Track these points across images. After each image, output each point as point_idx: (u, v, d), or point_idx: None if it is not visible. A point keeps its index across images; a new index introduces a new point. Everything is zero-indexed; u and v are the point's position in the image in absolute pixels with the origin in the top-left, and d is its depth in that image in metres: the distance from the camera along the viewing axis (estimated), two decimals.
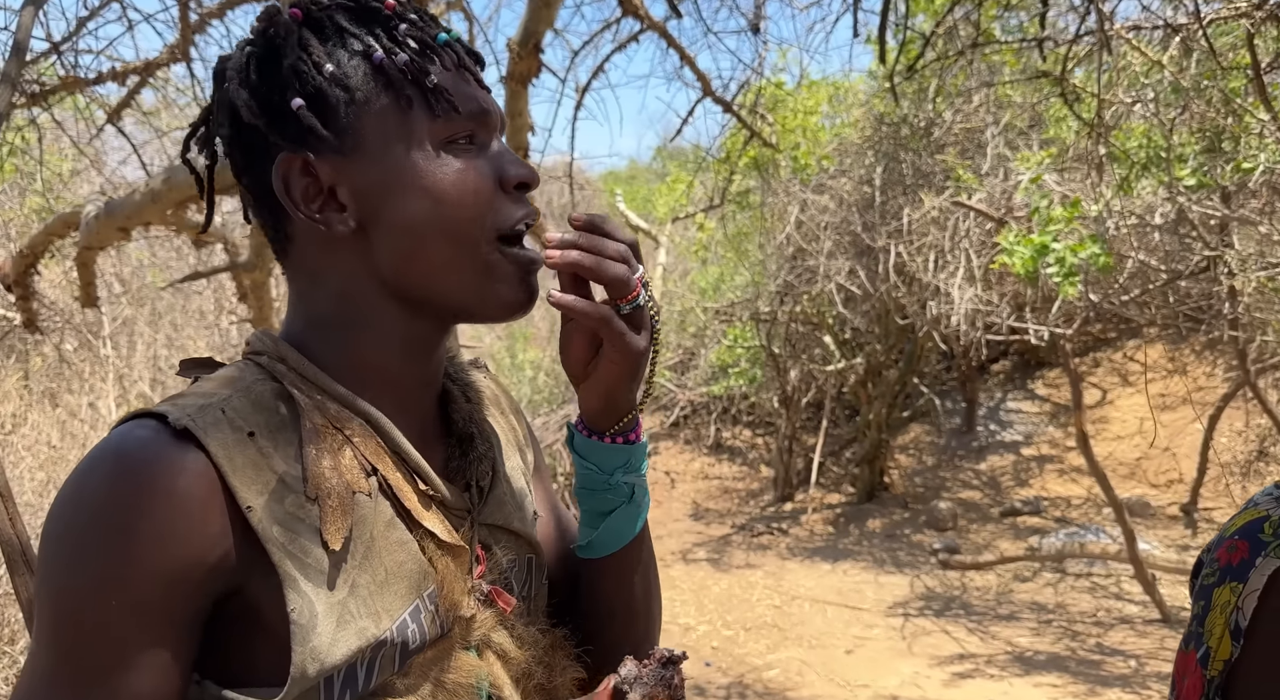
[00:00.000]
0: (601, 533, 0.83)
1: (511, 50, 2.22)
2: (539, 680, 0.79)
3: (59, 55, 2.39)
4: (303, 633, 0.65)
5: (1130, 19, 3.40)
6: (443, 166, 0.72)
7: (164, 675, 0.64)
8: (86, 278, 2.62)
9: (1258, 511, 0.88)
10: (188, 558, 0.63)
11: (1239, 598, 0.85)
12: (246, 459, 0.66)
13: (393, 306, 0.75)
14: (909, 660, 5.02)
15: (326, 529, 0.67)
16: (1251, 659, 0.85)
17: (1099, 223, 4.45)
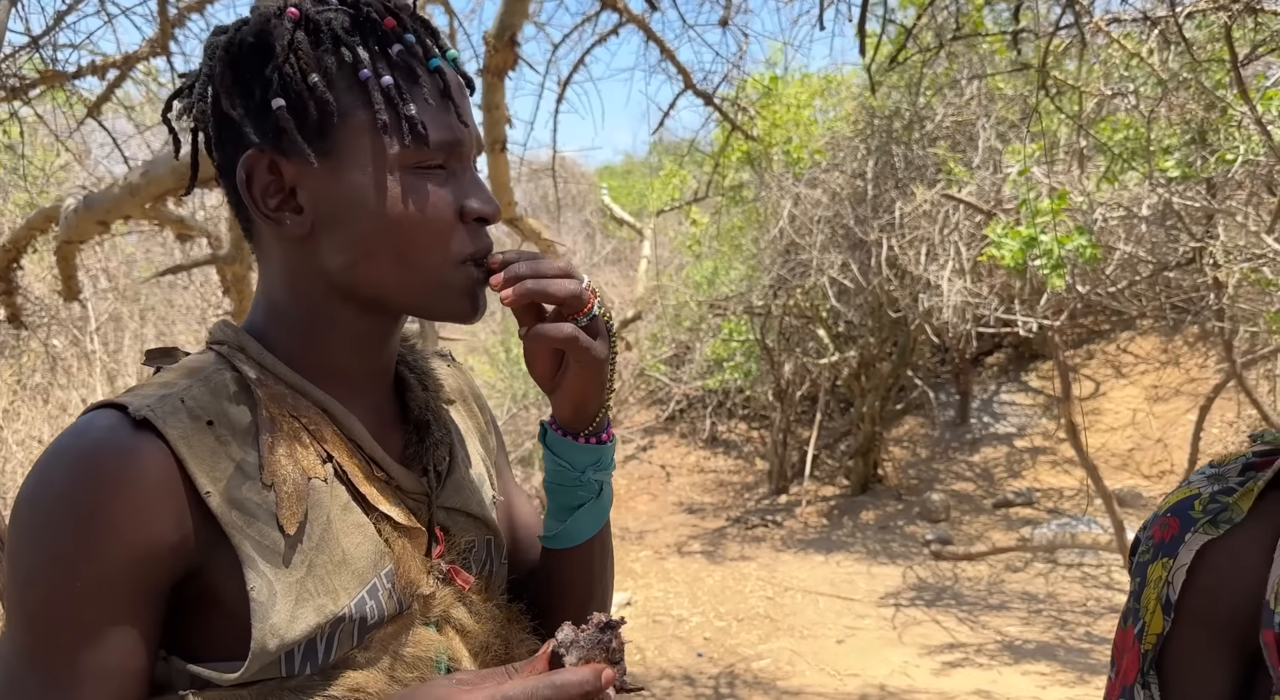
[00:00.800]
0: (569, 526, 0.87)
1: (488, 43, 2.23)
2: (496, 652, 0.83)
3: (38, 49, 2.40)
4: (262, 610, 0.68)
5: (1110, 12, 3.41)
6: (404, 191, 0.73)
7: (130, 651, 0.67)
8: (67, 271, 2.63)
9: (1190, 490, 0.91)
10: (148, 540, 0.66)
11: (1169, 573, 0.87)
12: (205, 446, 0.69)
13: (342, 303, 0.78)
14: (899, 650, 5.05)
15: (282, 513, 0.70)
16: (1181, 632, 0.87)
17: (1086, 214, 4.46)
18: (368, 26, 0.73)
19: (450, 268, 0.77)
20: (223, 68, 0.73)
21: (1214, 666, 0.87)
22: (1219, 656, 0.87)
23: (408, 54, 0.73)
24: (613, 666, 0.66)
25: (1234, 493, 0.88)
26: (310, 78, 0.71)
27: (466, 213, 0.77)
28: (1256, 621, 0.84)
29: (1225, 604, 0.86)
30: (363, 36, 0.73)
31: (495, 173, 2.74)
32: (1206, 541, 0.86)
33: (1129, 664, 0.92)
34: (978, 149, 6.36)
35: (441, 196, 0.75)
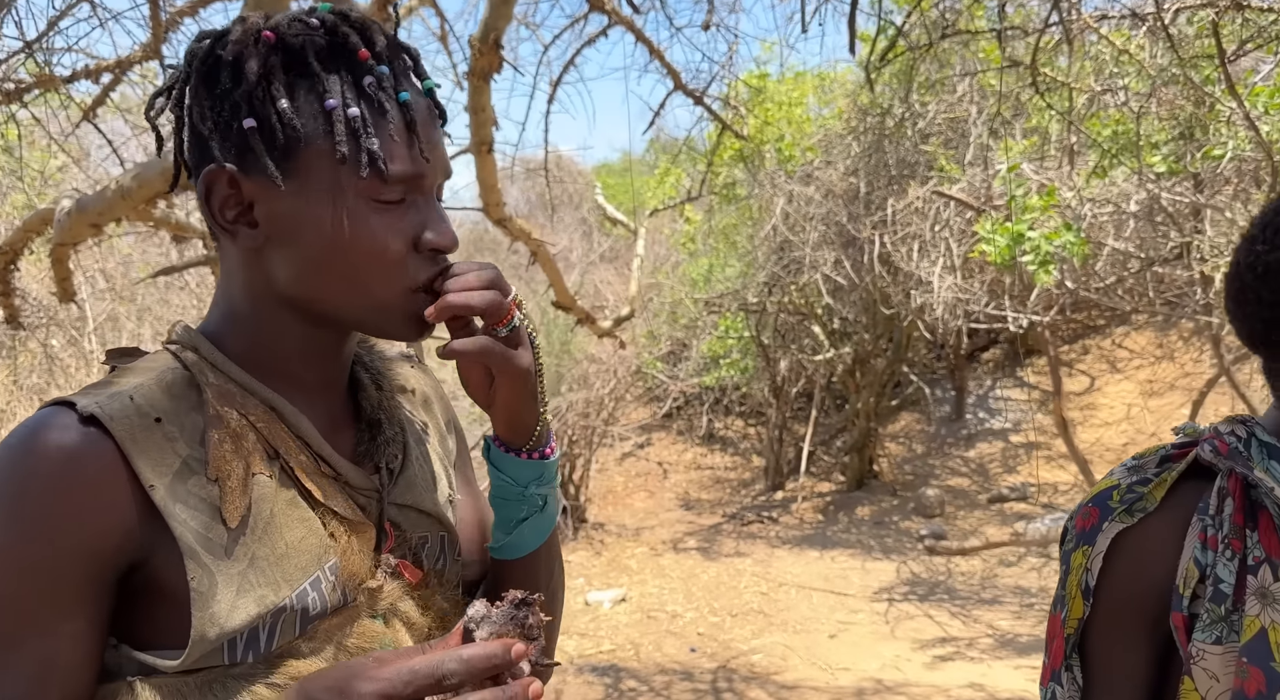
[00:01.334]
0: (514, 538, 0.89)
1: (473, 46, 2.27)
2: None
3: (32, 54, 2.44)
4: (202, 600, 0.71)
5: (1098, 9, 3.44)
6: (359, 221, 0.75)
7: (78, 640, 0.70)
8: (62, 273, 2.67)
9: (1111, 481, 0.95)
10: (93, 532, 0.69)
11: (1089, 560, 0.91)
12: (151, 442, 0.72)
13: (292, 314, 0.81)
14: (891, 644, 5.09)
15: (225, 507, 0.73)
16: (1098, 616, 0.91)
17: (1075, 210, 4.49)
18: (342, 55, 0.74)
19: (398, 295, 0.79)
20: (198, 80, 0.76)
21: (1130, 649, 0.91)
22: (1134, 639, 0.91)
23: (378, 86, 0.74)
24: (529, 642, 0.67)
25: (1150, 483, 0.92)
26: (279, 103, 0.72)
27: (422, 244, 0.78)
28: (1168, 606, 0.88)
29: (1138, 589, 0.90)
30: (336, 64, 0.74)
31: (482, 173, 2.78)
32: (1121, 530, 0.90)
33: (1057, 648, 0.96)
34: (970, 146, 6.39)
35: (396, 227, 0.76)
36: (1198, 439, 0.94)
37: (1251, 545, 0.87)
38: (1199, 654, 0.87)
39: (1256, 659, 0.84)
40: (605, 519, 8.60)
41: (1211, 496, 0.89)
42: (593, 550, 7.57)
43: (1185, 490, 0.92)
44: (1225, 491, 0.89)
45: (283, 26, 0.75)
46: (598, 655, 5.31)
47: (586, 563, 7.25)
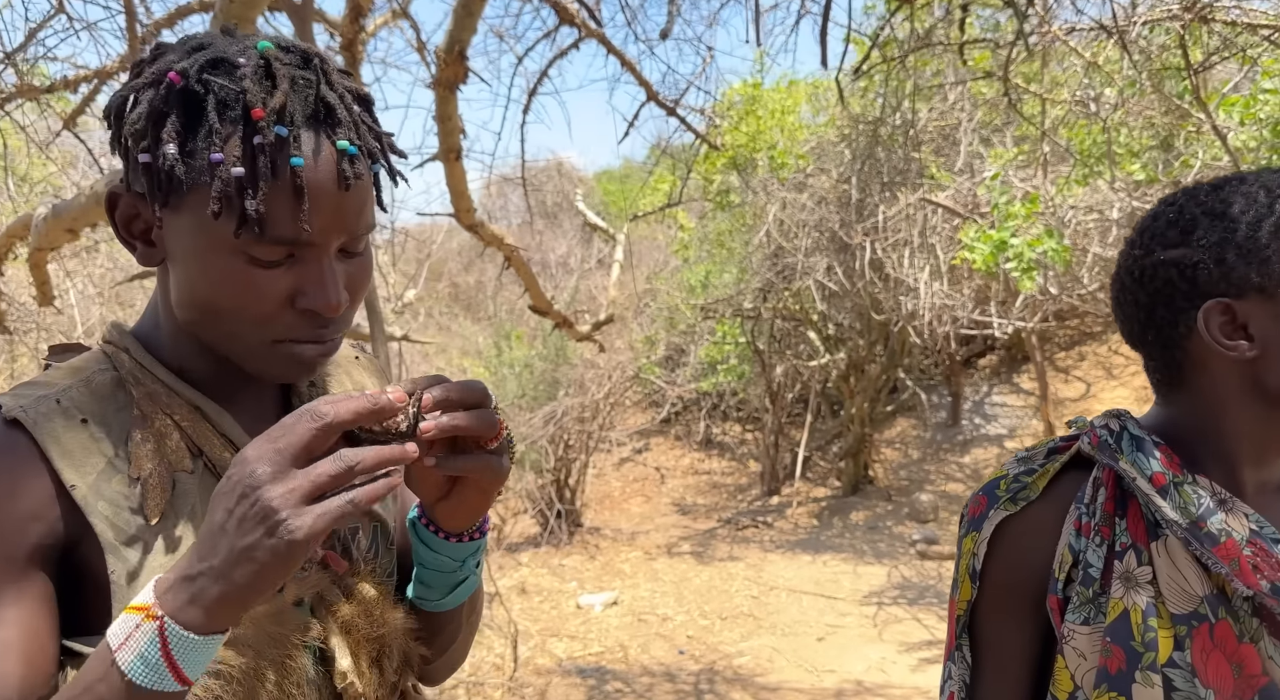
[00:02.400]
0: (447, 600, 0.94)
1: (439, 57, 2.32)
2: (365, 631, 0.90)
3: (11, 64, 2.51)
4: (121, 592, 0.76)
5: (1068, 22, 3.49)
6: (231, 272, 0.76)
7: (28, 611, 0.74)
8: (40, 277, 2.73)
9: (1001, 471, 0.99)
10: (21, 516, 0.75)
11: (976, 545, 0.96)
12: (76, 443, 0.78)
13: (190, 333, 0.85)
14: (877, 646, 5.12)
15: (146, 504, 0.79)
16: (984, 598, 0.96)
17: (1057, 217, 4.53)
18: (237, 109, 0.73)
19: (264, 347, 0.80)
20: (114, 114, 0.79)
21: (1013, 629, 0.96)
22: (1017, 620, 0.96)
23: (269, 146, 0.73)
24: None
25: (1034, 474, 0.96)
26: (166, 147, 0.73)
27: (299, 303, 0.78)
28: (1046, 588, 0.93)
29: (1019, 573, 0.95)
30: (231, 119, 0.73)
31: (452, 180, 2.84)
32: (1005, 517, 0.95)
33: (951, 628, 1.01)
34: (960, 153, 6.43)
35: (268, 286, 0.77)
36: (1083, 432, 0.99)
37: (1119, 532, 0.92)
38: (1070, 634, 0.92)
39: (1119, 638, 0.88)
40: (601, 523, 8.64)
41: (1087, 486, 0.94)
42: (587, 554, 7.61)
43: (1067, 480, 0.96)
44: (1099, 481, 0.94)
45: (191, 70, 0.75)
46: (585, 657, 5.35)
47: (580, 567, 7.29)
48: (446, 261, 13.81)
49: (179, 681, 0.67)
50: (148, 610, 0.67)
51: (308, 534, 0.64)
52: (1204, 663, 0.87)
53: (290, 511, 0.64)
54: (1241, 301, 0.87)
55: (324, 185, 0.75)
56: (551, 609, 6.28)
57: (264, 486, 0.64)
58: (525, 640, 5.47)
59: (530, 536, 8.04)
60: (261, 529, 0.64)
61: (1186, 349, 0.92)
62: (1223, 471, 0.93)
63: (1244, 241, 0.87)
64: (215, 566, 0.65)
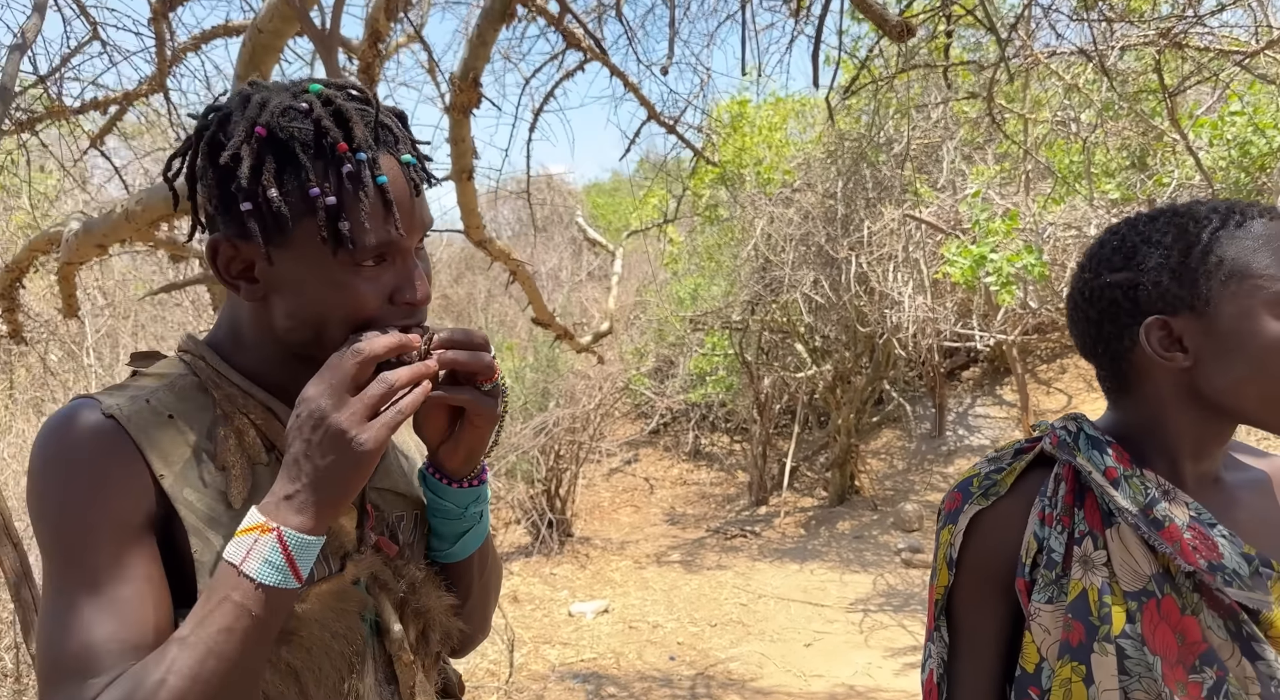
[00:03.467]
0: (456, 548, 1.06)
1: (453, 84, 2.45)
2: (414, 607, 1.02)
3: (45, 87, 2.61)
4: (203, 569, 0.87)
5: (1049, 46, 3.65)
6: (339, 285, 0.88)
7: (150, 572, 0.85)
8: (68, 290, 2.83)
9: (974, 470, 1.12)
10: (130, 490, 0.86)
11: (953, 536, 1.09)
12: (165, 437, 0.89)
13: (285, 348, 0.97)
14: (864, 652, 5.24)
15: (230, 491, 0.90)
16: (960, 583, 1.09)
17: (1036, 233, 4.70)
18: (323, 149, 0.85)
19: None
20: (205, 161, 0.89)
21: (985, 611, 1.09)
22: (989, 602, 1.08)
23: (356, 175, 0.85)
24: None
25: (1003, 471, 1.10)
26: (270, 192, 0.84)
27: (396, 299, 0.91)
28: (1014, 572, 1.06)
29: (991, 560, 1.07)
30: (320, 152, 0.85)
31: (463, 199, 2.97)
32: (978, 511, 1.08)
33: (930, 613, 1.14)
34: (942, 169, 6.61)
35: (372, 287, 0.89)
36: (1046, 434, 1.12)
37: (1078, 521, 1.05)
38: (1036, 612, 1.04)
39: (1079, 615, 1.01)
40: (591, 533, 8.74)
41: (1049, 481, 1.07)
42: (578, 564, 7.70)
43: (1032, 477, 1.10)
44: (1060, 477, 1.07)
45: (273, 121, 0.86)
46: (579, 663, 5.44)
47: (571, 576, 7.37)
48: (438, 273, 13.89)
49: (297, 579, 0.81)
50: (261, 526, 0.81)
51: (375, 443, 0.81)
52: (1152, 633, 0.99)
53: (357, 429, 0.81)
54: (1176, 318, 1.00)
55: (402, 194, 0.89)
56: (544, 617, 6.37)
57: (331, 414, 0.81)
58: (519, 647, 5.56)
59: (521, 546, 8.12)
60: (337, 448, 0.80)
61: (1131, 360, 1.05)
62: (1166, 466, 1.06)
63: (1177, 266, 1.00)
64: (308, 484, 0.81)
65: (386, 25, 2.29)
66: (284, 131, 0.86)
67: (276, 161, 0.86)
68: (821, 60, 3.54)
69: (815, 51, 3.52)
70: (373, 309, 0.90)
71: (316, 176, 0.85)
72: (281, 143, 0.86)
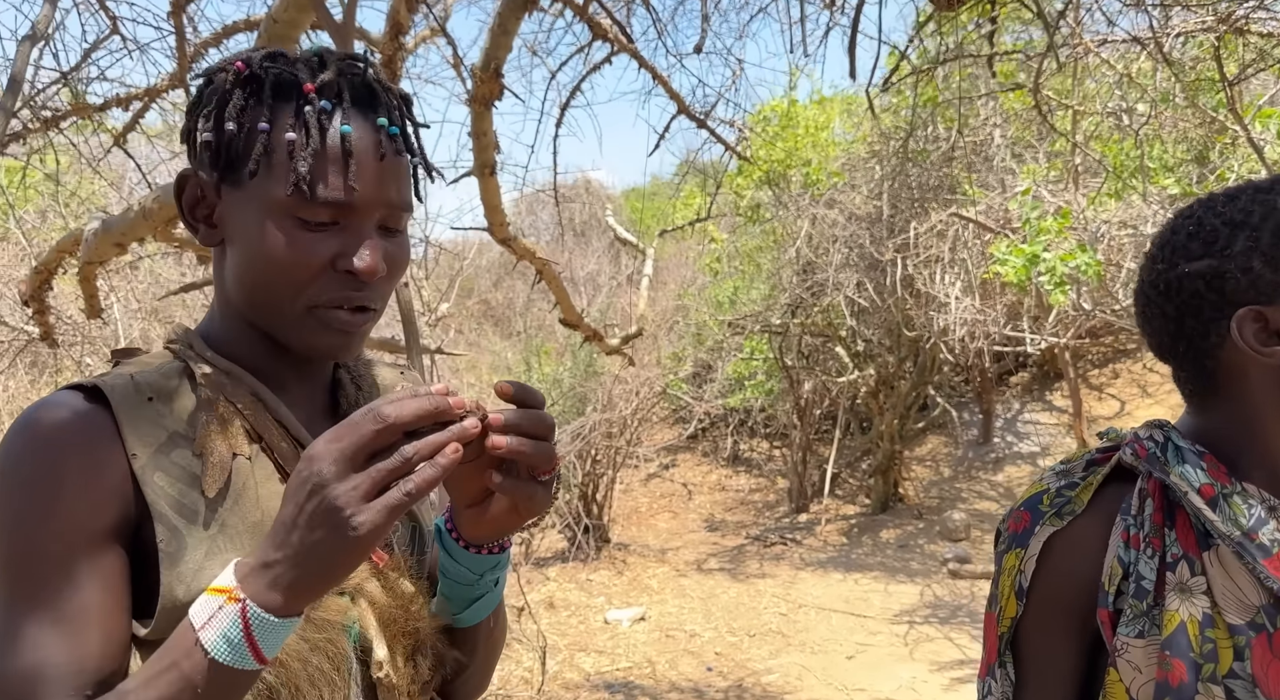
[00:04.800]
0: (465, 615, 0.95)
1: (474, 75, 2.36)
2: (401, 624, 0.91)
3: (67, 83, 2.58)
4: (170, 559, 0.79)
5: (1099, 34, 3.47)
6: (281, 233, 0.82)
7: (106, 584, 0.77)
8: (89, 291, 2.80)
9: (1041, 485, 0.99)
10: (96, 488, 0.78)
11: (1021, 562, 0.96)
12: (143, 417, 0.82)
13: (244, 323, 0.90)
14: (908, 665, 5.06)
15: (205, 479, 0.82)
16: (1031, 615, 0.95)
17: (1089, 232, 4.50)
18: (291, 88, 0.83)
19: (302, 313, 0.86)
20: (191, 102, 0.88)
21: (1060, 644, 0.95)
22: (1064, 636, 0.95)
23: (317, 116, 0.81)
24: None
25: (1077, 487, 0.96)
26: (226, 124, 0.82)
27: (338, 264, 0.84)
28: (1095, 602, 0.93)
29: (1068, 588, 0.94)
30: (284, 96, 0.83)
31: (486, 195, 2.88)
32: (1053, 532, 0.95)
33: (991, 645, 1.00)
34: (992, 168, 6.40)
35: (316, 247, 0.83)
36: (1120, 443, 0.98)
37: (1170, 543, 0.91)
38: (1123, 647, 0.91)
39: (1178, 651, 0.88)
40: (629, 539, 8.63)
41: (1133, 498, 0.94)
42: (614, 570, 7.60)
43: (1109, 492, 0.96)
44: (1145, 493, 0.93)
45: (255, 60, 0.84)
46: (613, 672, 5.33)
47: (608, 582, 7.27)
48: (477, 278, 13.93)
49: (257, 660, 0.71)
50: (230, 593, 0.71)
51: (370, 529, 0.68)
52: (1264, 672, 0.86)
53: (354, 509, 0.68)
54: (1272, 307, 0.87)
55: (367, 154, 0.83)
56: (579, 624, 6.27)
57: (330, 485, 0.69)
58: (553, 654, 5.46)
59: (558, 551, 8.04)
60: (328, 525, 0.68)
61: (1219, 358, 0.92)
62: (1266, 477, 0.92)
63: (1269, 248, 0.87)
64: (289, 556, 0.70)
65: (408, 18, 2.21)
66: (261, 69, 0.84)
67: (246, 97, 0.83)
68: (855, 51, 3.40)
69: (852, 42, 3.37)
70: (311, 269, 0.83)
71: (274, 114, 0.82)
72: (257, 80, 0.83)
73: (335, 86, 0.83)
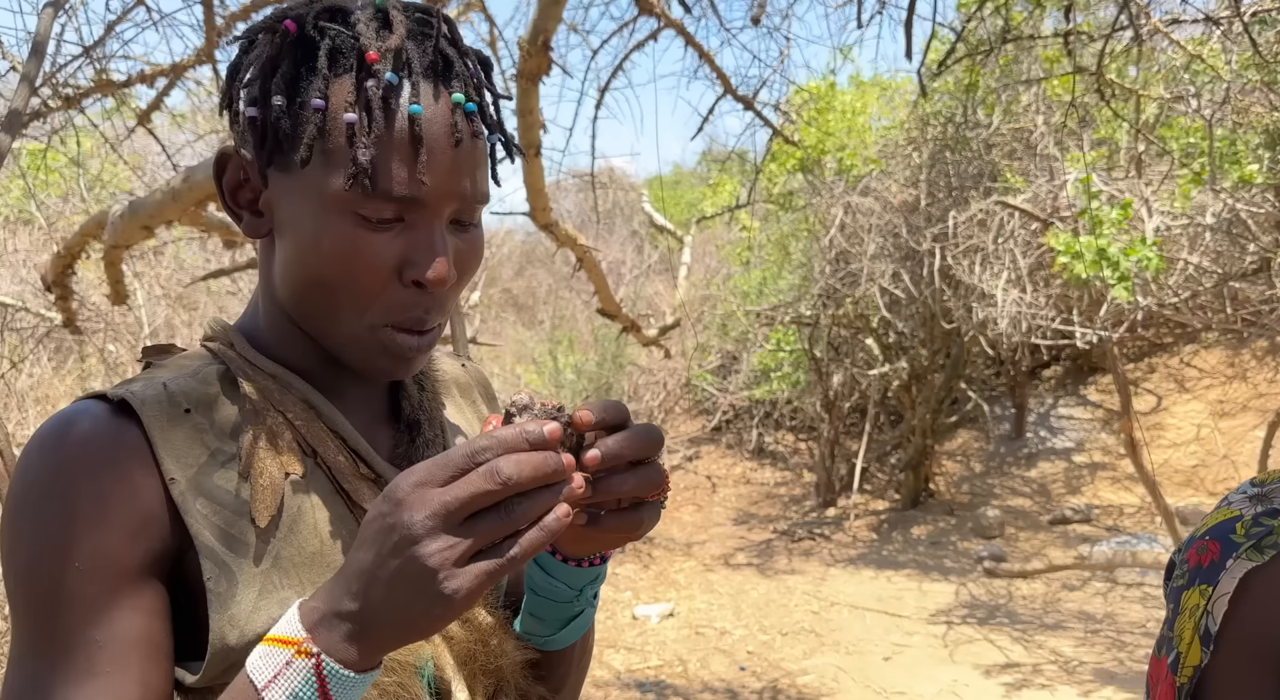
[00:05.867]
0: (560, 636, 0.83)
1: (522, 48, 2.22)
2: (482, 662, 0.79)
3: (90, 59, 2.47)
4: (219, 601, 0.66)
5: (1169, 13, 3.29)
6: (338, 233, 0.69)
7: (145, 628, 0.65)
8: (114, 276, 2.69)
9: (1230, 511, 0.84)
10: (129, 515, 0.66)
11: (1208, 602, 0.80)
12: (180, 433, 0.69)
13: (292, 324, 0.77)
14: (949, 668, 4.91)
15: (255, 506, 0.69)
16: (1222, 666, 0.80)
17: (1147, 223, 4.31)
18: (350, 55, 0.68)
19: (364, 332, 0.73)
20: (235, 66, 0.73)
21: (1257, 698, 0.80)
22: (1263, 687, 0.80)
23: (381, 92, 0.67)
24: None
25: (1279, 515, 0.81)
26: (274, 99, 0.68)
27: (404, 275, 0.71)
28: None
29: (1270, 636, 0.79)
30: (343, 65, 0.68)
31: (529, 177, 2.74)
32: (1251, 568, 0.79)
33: (1163, 696, 0.85)
34: (1034, 156, 6.20)
35: (378, 250, 0.70)
36: None
37: None
38: None
39: None
40: (654, 533, 8.52)
41: None
42: (640, 564, 7.49)
43: None
44: None
45: (307, 18, 0.69)
46: (644, 670, 5.22)
47: (634, 576, 7.16)
48: (500, 267, 13.83)
49: None
50: (298, 645, 0.58)
51: (464, 597, 0.57)
52: None
53: (447, 572, 0.57)
54: None
55: (439, 140, 0.69)
56: (607, 619, 6.16)
57: (421, 543, 0.57)
58: None
59: None
60: (416, 588, 0.57)
61: None
62: None
63: None
64: (369, 611, 0.58)
65: None
66: (316, 32, 0.68)
67: (295, 64, 0.68)
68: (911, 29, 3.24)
69: (909, 20, 3.21)
70: (374, 280, 0.70)
71: (329, 87, 0.67)
72: (309, 44, 0.68)
73: (403, 54, 0.68)
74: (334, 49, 0.68)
